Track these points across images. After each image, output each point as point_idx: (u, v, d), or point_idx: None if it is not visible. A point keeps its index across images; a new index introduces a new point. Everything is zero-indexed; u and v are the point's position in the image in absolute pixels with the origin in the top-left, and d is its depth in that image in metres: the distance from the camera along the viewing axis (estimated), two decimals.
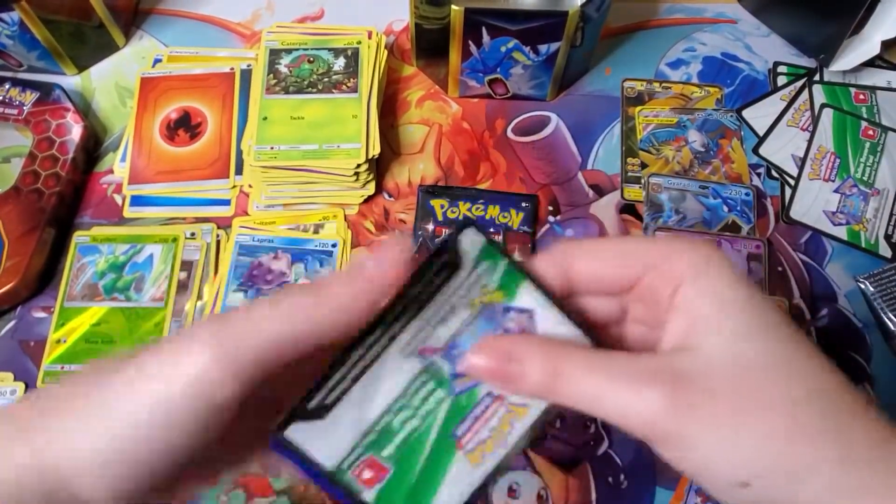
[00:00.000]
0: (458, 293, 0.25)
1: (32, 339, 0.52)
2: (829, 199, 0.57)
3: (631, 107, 0.62)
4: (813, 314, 0.53)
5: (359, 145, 0.53)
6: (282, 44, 0.58)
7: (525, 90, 0.60)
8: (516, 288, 0.26)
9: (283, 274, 0.53)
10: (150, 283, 0.53)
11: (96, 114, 0.61)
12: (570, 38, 0.54)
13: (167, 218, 0.56)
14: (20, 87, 0.58)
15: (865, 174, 0.57)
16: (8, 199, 0.53)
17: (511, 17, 0.52)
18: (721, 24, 0.67)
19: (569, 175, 0.59)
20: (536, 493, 0.47)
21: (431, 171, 0.59)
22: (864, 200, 0.56)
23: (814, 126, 0.59)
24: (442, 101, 0.62)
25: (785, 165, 0.58)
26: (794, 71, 0.64)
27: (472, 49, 0.55)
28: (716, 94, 0.62)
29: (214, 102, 0.60)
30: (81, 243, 0.54)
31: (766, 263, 0.54)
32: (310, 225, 0.56)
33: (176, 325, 0.51)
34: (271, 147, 0.53)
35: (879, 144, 0.58)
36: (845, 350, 0.52)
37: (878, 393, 0.50)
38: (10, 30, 0.56)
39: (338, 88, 0.56)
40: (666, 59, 0.65)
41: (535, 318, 0.26)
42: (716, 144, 0.60)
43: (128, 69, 0.63)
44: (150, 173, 0.57)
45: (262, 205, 0.56)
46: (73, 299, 0.52)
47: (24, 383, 0.50)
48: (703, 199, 0.57)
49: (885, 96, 0.62)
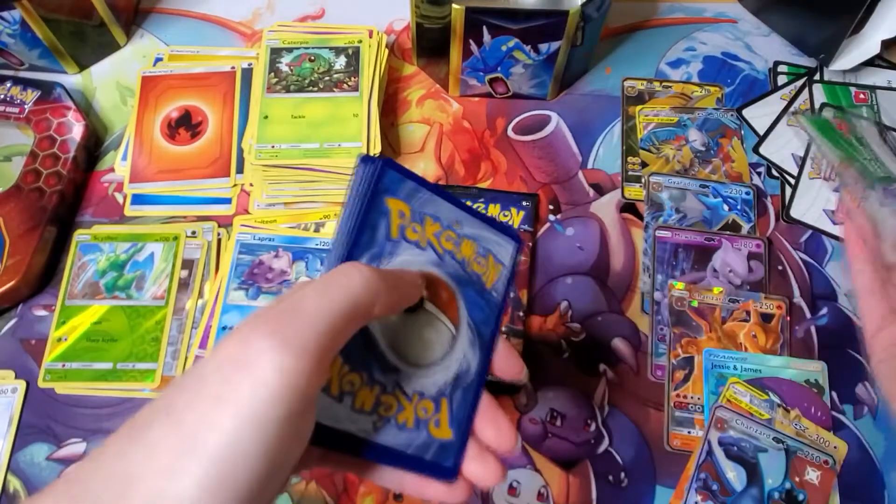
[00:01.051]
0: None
1: (33, 337, 0.52)
2: (830, 198, 0.57)
3: (631, 106, 0.62)
4: (813, 313, 0.53)
5: (359, 144, 0.53)
6: (283, 42, 0.58)
7: (526, 89, 0.60)
8: None
9: (284, 272, 0.53)
10: (151, 281, 0.53)
11: (97, 112, 0.62)
12: (570, 38, 0.54)
13: (168, 216, 0.56)
14: (21, 86, 0.58)
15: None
16: (9, 198, 0.53)
17: (512, 16, 0.52)
18: (721, 23, 0.67)
19: (569, 174, 0.59)
20: (537, 491, 0.48)
21: (432, 170, 0.59)
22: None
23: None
24: (443, 100, 0.62)
25: (785, 164, 0.58)
26: (794, 70, 0.64)
27: (472, 48, 0.55)
28: (716, 94, 0.62)
29: (215, 101, 0.60)
30: (82, 242, 0.54)
31: (767, 262, 0.54)
32: (311, 223, 0.56)
33: (177, 324, 0.51)
34: (272, 146, 0.53)
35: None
36: (845, 349, 0.52)
37: (876, 392, 0.51)
38: (12, 28, 0.56)
39: (339, 87, 0.56)
40: (666, 58, 0.65)
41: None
42: (716, 143, 0.60)
43: (129, 68, 0.63)
44: (151, 172, 0.57)
45: (263, 203, 0.56)
46: (74, 297, 0.52)
47: (26, 381, 0.50)
48: (704, 197, 0.57)
49: (885, 95, 0.62)
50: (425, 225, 0.29)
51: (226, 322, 0.51)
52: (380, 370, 0.27)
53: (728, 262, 0.54)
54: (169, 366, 0.50)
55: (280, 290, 0.52)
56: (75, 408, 0.50)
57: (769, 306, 0.52)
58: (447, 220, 0.29)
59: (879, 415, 0.50)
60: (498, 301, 0.30)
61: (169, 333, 0.51)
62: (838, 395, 0.50)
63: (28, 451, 0.48)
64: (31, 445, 0.48)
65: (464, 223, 0.30)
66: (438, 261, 0.29)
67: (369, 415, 0.26)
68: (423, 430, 0.28)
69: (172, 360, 0.50)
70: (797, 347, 0.52)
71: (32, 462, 0.48)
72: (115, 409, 0.50)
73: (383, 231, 0.28)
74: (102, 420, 0.49)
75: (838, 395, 0.50)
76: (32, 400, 0.50)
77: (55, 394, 0.50)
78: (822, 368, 0.50)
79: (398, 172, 0.28)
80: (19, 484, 0.47)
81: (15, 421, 0.49)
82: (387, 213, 0.28)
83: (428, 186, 0.29)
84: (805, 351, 0.52)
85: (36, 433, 0.49)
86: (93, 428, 0.49)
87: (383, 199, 0.27)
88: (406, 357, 0.28)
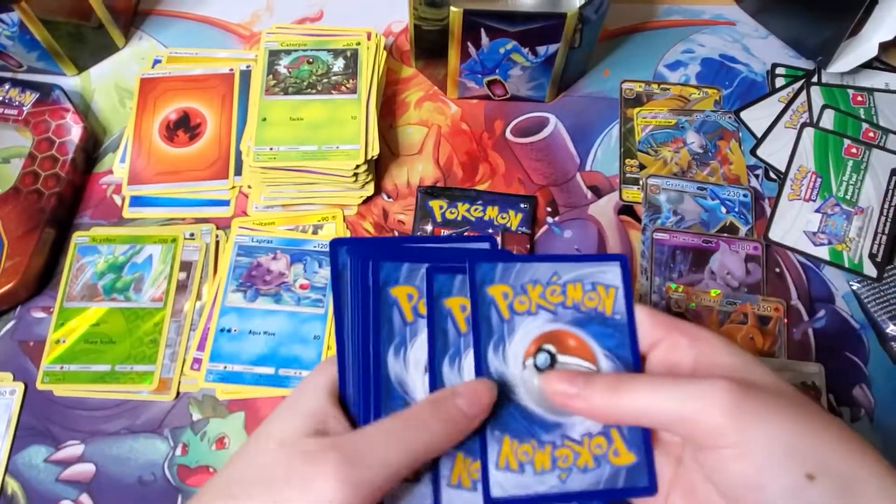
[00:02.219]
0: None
1: (32, 339, 0.52)
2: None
3: (629, 108, 0.62)
4: (810, 315, 0.53)
5: (358, 146, 0.53)
6: (281, 45, 0.58)
7: (524, 91, 0.61)
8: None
9: (282, 274, 0.53)
10: (150, 283, 0.53)
11: (96, 114, 0.62)
12: (568, 40, 0.54)
13: (166, 218, 0.56)
14: (20, 88, 0.58)
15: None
16: (7, 200, 0.53)
17: (510, 18, 0.52)
18: (719, 25, 0.67)
19: (567, 176, 0.59)
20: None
21: (430, 172, 0.59)
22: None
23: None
24: (441, 103, 0.62)
25: (783, 167, 0.58)
26: (792, 73, 0.64)
27: (470, 50, 0.55)
28: (714, 96, 0.62)
29: (214, 103, 0.60)
30: (81, 244, 0.54)
31: (764, 265, 0.54)
32: (309, 225, 0.56)
33: (175, 326, 0.51)
34: (270, 148, 0.53)
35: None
36: (842, 351, 0.52)
37: (874, 394, 0.51)
38: (10, 30, 0.56)
39: (337, 89, 0.56)
40: (664, 60, 0.65)
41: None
42: (714, 146, 0.60)
43: (127, 70, 0.63)
44: (149, 174, 0.57)
45: (262, 205, 0.57)
46: (73, 299, 0.52)
47: (24, 383, 0.50)
48: (702, 200, 0.57)
49: (883, 98, 0.62)
50: (529, 292, 0.31)
51: (224, 324, 0.51)
52: (544, 431, 0.30)
53: (726, 265, 0.54)
54: (167, 368, 0.50)
55: (278, 292, 0.52)
56: (74, 410, 0.50)
57: (767, 309, 0.52)
58: (545, 277, 0.32)
59: (877, 417, 0.50)
60: (624, 322, 0.32)
61: (167, 335, 0.51)
62: (835, 397, 0.50)
63: (26, 453, 0.48)
64: (29, 447, 0.49)
65: (561, 272, 0.32)
66: (553, 316, 0.31)
67: (552, 471, 0.30)
68: (606, 464, 0.30)
69: (171, 363, 0.50)
70: (794, 350, 0.52)
71: (31, 464, 0.48)
72: (113, 410, 0.50)
73: (496, 317, 0.31)
74: (101, 422, 0.49)
75: (835, 397, 0.50)
76: (31, 402, 0.50)
77: (53, 396, 0.50)
78: (819, 371, 0.50)
79: (486, 261, 0.31)
80: (17, 486, 0.47)
81: (13, 423, 0.49)
82: (492, 300, 0.31)
83: (515, 258, 0.32)
84: (802, 353, 0.52)
85: (34, 435, 0.49)
86: (91, 430, 0.49)
87: (485, 289, 0.31)
88: (561, 411, 0.30)
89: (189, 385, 0.50)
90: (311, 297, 0.52)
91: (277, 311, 0.51)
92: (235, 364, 0.50)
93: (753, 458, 0.25)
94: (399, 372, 0.30)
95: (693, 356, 0.29)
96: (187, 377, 0.50)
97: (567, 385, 0.29)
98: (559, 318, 0.32)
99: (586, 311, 0.32)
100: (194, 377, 0.50)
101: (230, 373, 0.50)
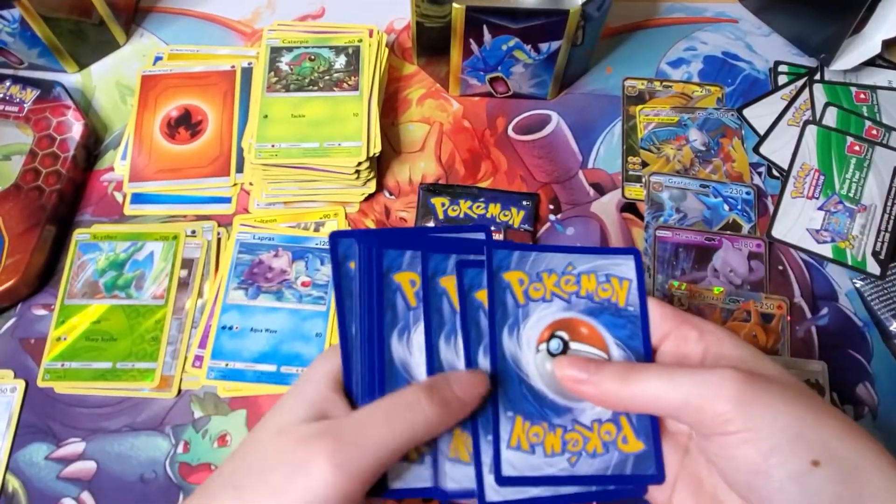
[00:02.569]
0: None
1: (33, 336, 0.52)
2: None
3: (632, 105, 0.62)
4: (814, 313, 0.53)
5: (359, 143, 0.53)
6: (283, 42, 0.58)
7: (526, 89, 0.60)
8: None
9: (284, 272, 0.53)
10: (151, 280, 0.53)
11: (97, 111, 0.61)
12: (570, 37, 0.54)
13: (168, 216, 0.56)
14: (21, 85, 0.58)
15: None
16: (8, 197, 0.53)
17: (512, 15, 0.52)
18: (722, 23, 0.67)
19: (570, 174, 0.59)
20: None
21: (432, 170, 0.59)
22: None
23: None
24: (443, 100, 0.62)
25: (786, 165, 0.58)
26: (794, 70, 0.64)
27: (473, 47, 0.55)
28: (717, 93, 0.62)
29: (215, 100, 0.60)
30: (82, 241, 0.54)
31: (767, 262, 0.54)
32: (311, 223, 0.56)
33: (176, 323, 0.51)
34: (272, 145, 0.53)
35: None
36: (845, 349, 0.52)
37: (877, 391, 0.50)
38: (11, 27, 0.56)
39: (339, 86, 0.56)
40: (667, 58, 0.65)
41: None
42: (717, 143, 0.60)
43: (128, 67, 0.63)
44: (150, 171, 0.57)
45: (263, 202, 0.56)
46: (74, 297, 0.52)
47: (25, 381, 0.50)
48: (704, 197, 0.57)
49: (886, 95, 0.62)
50: (544, 280, 0.32)
51: (225, 321, 0.51)
52: (555, 415, 0.31)
53: (728, 262, 0.54)
54: (168, 365, 0.50)
55: (280, 289, 0.52)
56: (75, 407, 0.50)
57: (770, 306, 0.52)
58: (560, 267, 0.32)
59: (880, 415, 0.50)
60: (637, 313, 0.32)
61: (168, 333, 0.51)
62: (839, 395, 0.50)
63: (27, 450, 0.48)
64: (30, 445, 0.48)
65: (576, 263, 0.33)
66: (567, 304, 0.32)
67: (562, 455, 0.30)
68: (614, 450, 0.31)
69: (172, 360, 0.50)
70: (798, 347, 0.52)
71: (32, 461, 0.48)
72: (114, 408, 0.50)
73: (511, 301, 0.31)
74: (102, 419, 0.49)
75: (839, 395, 0.50)
76: (31, 399, 0.50)
77: (54, 393, 0.50)
78: (822, 369, 0.50)
79: (503, 248, 0.32)
80: (18, 484, 0.47)
81: (14, 420, 0.49)
82: (508, 285, 0.31)
83: (531, 248, 0.32)
84: (805, 351, 0.52)
85: (35, 433, 0.49)
86: (92, 427, 0.49)
87: (502, 274, 0.31)
88: (572, 396, 0.31)
89: (190, 382, 0.50)
90: (312, 294, 0.52)
91: (279, 309, 0.51)
92: (237, 361, 0.50)
93: (759, 444, 0.25)
94: (403, 356, 0.30)
95: (702, 348, 0.30)
96: (189, 374, 0.50)
97: (578, 370, 0.29)
98: (573, 307, 0.32)
99: (599, 301, 0.32)
100: (196, 374, 0.50)
101: (232, 370, 0.49)
